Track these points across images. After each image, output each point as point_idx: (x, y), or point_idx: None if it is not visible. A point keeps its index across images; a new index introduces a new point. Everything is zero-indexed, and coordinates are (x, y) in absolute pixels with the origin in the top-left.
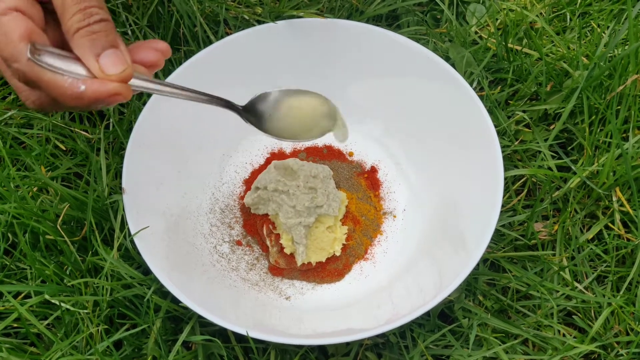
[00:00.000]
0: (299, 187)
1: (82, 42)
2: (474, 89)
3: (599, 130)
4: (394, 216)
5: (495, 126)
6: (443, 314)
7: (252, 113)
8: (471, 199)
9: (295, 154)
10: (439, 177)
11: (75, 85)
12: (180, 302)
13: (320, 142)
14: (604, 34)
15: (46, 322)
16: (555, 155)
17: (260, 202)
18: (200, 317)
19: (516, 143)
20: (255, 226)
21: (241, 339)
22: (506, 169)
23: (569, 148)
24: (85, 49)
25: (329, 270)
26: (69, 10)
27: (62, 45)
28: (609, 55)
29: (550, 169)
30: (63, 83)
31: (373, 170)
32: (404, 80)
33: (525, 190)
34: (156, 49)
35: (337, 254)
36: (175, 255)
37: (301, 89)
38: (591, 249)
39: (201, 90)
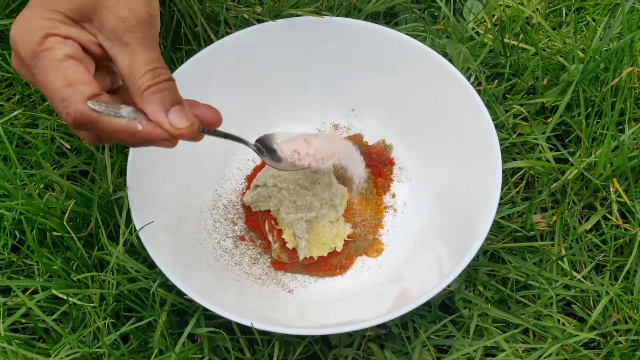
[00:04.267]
0: (299, 183)
1: (152, 98)
2: (472, 83)
3: (595, 122)
4: (395, 210)
5: (493, 120)
6: (444, 305)
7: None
8: (470, 191)
9: None
10: (438, 171)
11: (132, 125)
12: (185, 295)
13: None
14: (598, 28)
15: (54, 316)
16: (552, 147)
17: (260, 199)
18: (205, 309)
19: (514, 136)
20: (258, 222)
21: (246, 330)
22: (504, 162)
23: (567, 140)
24: (155, 105)
25: (331, 264)
26: (139, 70)
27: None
28: (604, 48)
29: (548, 161)
30: (118, 123)
31: (390, 162)
32: (402, 77)
33: (524, 183)
34: (213, 109)
35: (339, 249)
36: (179, 250)
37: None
38: (589, 239)
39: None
